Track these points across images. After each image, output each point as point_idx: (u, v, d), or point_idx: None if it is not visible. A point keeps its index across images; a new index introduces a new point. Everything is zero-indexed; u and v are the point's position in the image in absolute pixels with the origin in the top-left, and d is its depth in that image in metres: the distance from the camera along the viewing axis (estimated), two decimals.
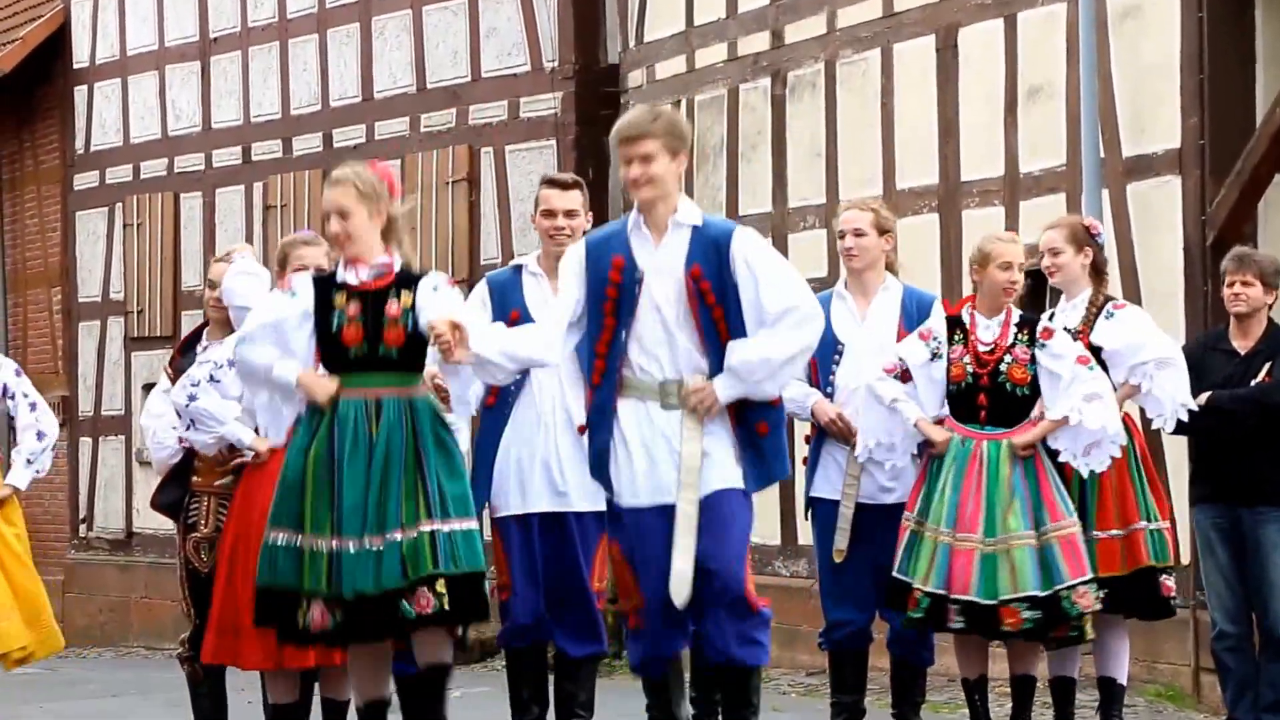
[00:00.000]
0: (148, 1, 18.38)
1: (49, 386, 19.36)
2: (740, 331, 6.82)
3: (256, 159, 17.38)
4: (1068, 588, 7.88)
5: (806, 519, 8.65)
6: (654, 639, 6.92)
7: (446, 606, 6.82)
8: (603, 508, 7.17)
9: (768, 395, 6.86)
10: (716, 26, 13.69)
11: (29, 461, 9.54)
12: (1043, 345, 8.04)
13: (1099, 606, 7.94)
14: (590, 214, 8.06)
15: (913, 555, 8.03)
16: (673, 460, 6.80)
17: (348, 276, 6.97)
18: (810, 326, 6.81)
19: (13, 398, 9.61)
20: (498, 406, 7.85)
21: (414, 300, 6.93)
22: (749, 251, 6.85)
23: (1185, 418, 8.26)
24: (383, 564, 6.80)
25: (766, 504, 11.19)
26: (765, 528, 12.69)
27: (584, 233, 7.73)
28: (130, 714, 11.65)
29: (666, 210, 6.88)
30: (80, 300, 19.12)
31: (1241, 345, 8.66)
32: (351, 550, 6.82)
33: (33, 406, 9.58)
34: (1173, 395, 8.21)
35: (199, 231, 17.96)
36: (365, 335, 6.92)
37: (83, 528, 19.15)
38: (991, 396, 8.05)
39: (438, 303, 6.91)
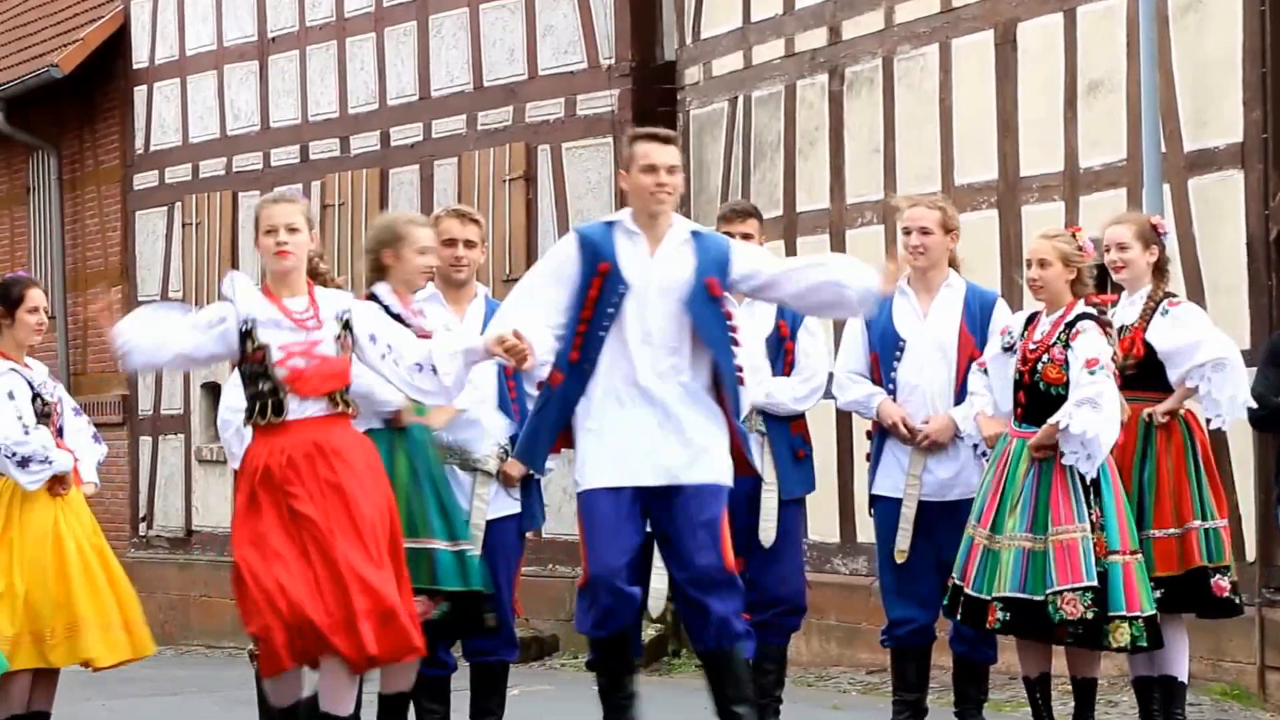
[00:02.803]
0: (206, 1, 18.43)
1: (109, 385, 19.45)
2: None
3: (314, 158, 17.40)
4: (1054, 593, 7.76)
5: (871, 515, 8.61)
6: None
7: None
8: (514, 511, 7.91)
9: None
10: (774, 23, 13.65)
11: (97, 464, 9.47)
12: (1069, 346, 7.95)
13: (1090, 615, 7.74)
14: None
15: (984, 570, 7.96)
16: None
17: None
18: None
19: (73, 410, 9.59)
20: (572, 378, 7.35)
21: None
22: None
23: (1244, 415, 8.19)
24: None
25: (825, 502, 11.13)
26: (824, 525, 12.64)
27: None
28: (191, 712, 11.68)
29: None
30: (140, 299, 19.16)
31: None
32: None
33: (76, 412, 9.50)
34: (1231, 396, 8.12)
35: None
36: None
37: (142, 526, 19.21)
38: (1028, 395, 7.97)
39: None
